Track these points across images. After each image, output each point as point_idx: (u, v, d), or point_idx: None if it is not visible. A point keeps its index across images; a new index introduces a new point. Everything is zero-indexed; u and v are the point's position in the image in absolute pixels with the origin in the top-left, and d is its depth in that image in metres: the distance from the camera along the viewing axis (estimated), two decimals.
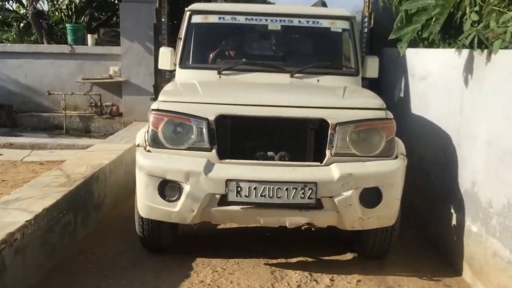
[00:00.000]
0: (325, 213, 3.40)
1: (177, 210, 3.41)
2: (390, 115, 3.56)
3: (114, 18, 8.96)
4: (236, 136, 3.57)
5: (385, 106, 3.64)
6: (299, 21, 4.59)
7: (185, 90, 4.07)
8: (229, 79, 4.34)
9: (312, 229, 3.49)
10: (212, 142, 3.41)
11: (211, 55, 4.70)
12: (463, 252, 3.66)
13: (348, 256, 4.03)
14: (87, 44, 7.98)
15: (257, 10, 4.81)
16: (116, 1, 8.18)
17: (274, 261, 3.84)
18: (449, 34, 4.38)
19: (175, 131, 3.49)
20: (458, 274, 3.72)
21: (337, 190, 3.32)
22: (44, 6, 9.92)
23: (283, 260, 3.87)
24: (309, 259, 3.93)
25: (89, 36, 7.97)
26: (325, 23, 4.61)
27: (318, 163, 3.45)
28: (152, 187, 3.42)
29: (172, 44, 9.13)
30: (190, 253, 3.94)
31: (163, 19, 6.77)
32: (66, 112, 7.83)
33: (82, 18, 8.50)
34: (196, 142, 3.44)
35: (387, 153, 3.50)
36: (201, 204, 3.35)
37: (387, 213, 3.50)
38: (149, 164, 3.45)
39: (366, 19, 6.67)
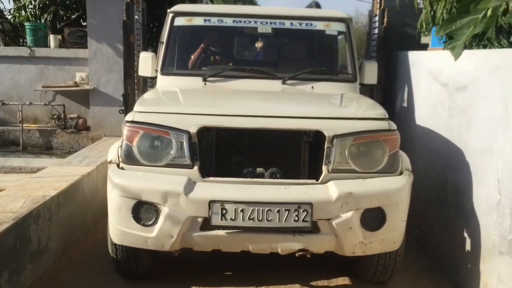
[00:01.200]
0: (322, 238, 3.03)
1: (154, 236, 3.00)
2: (394, 126, 3.16)
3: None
4: (221, 151, 3.22)
5: (387, 116, 3.23)
6: (291, 23, 4.25)
7: (164, 99, 3.68)
8: (215, 87, 3.96)
9: (308, 255, 3.06)
10: (194, 158, 3.03)
11: (192, 57, 4.30)
12: None
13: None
14: (49, 46, 6.87)
15: (246, 11, 4.44)
16: None
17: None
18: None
19: (152, 145, 3.09)
20: None
21: (336, 211, 2.95)
22: (9, 5, 8.82)
23: None
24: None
25: (51, 36, 6.84)
26: (319, 25, 4.28)
27: (313, 181, 3.07)
28: (125, 210, 3.00)
29: (153, 49, 8.15)
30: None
31: (136, 17, 5.71)
32: (24, 125, 6.68)
33: (45, 17, 7.37)
34: (175, 158, 3.05)
35: (390, 168, 3.13)
36: (181, 229, 2.95)
37: (391, 237, 3.12)
38: (122, 183, 3.02)
39: (376, 18, 5.66)
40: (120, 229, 3.06)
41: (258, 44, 4.42)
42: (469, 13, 2.68)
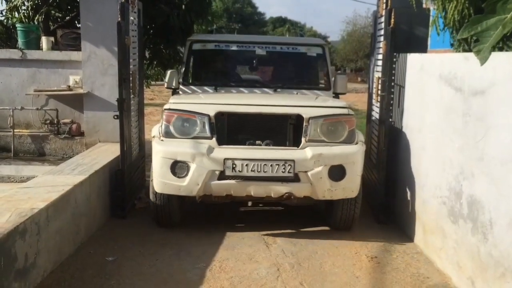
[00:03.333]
0: (302, 185, 4.30)
1: (185, 184, 4.30)
2: (352, 112, 4.54)
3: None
4: (231, 129, 4.50)
5: (348, 106, 4.61)
6: (281, 48, 5.71)
7: (190, 96, 5.09)
8: (224, 92, 5.47)
9: (292, 197, 4.33)
10: (212, 132, 4.35)
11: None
12: None
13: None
14: (41, 49, 6.60)
15: (246, 39, 6.03)
16: None
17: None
18: None
19: (183, 125, 4.42)
20: None
21: (310, 166, 4.24)
22: (1, 6, 8.54)
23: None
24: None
25: (44, 39, 6.52)
26: (302, 49, 5.73)
27: (295, 148, 4.38)
28: (165, 167, 4.29)
29: (149, 52, 7.91)
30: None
31: (131, 18, 5.46)
32: (15, 130, 6.37)
33: (37, 17, 7.08)
34: (199, 132, 4.37)
35: (349, 140, 4.43)
36: (204, 179, 4.24)
37: (350, 186, 4.37)
38: (163, 149, 4.35)
39: (382, 19, 5.42)
40: (162, 181, 4.35)
41: (256, 63, 5.77)
42: (495, 12, 2.45)
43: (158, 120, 15.04)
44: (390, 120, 5.15)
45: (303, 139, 4.33)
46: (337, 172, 4.26)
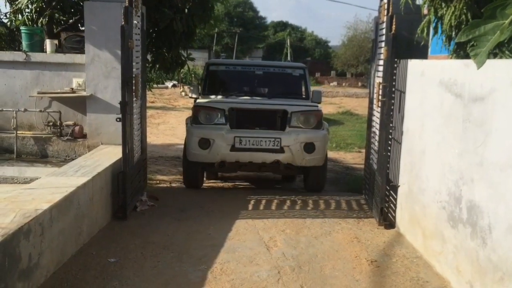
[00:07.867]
0: (285, 155, 6.46)
1: (208, 154, 6.47)
2: (320, 108, 6.92)
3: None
4: (239, 119, 6.62)
5: (318, 105, 7.08)
6: (274, 69, 7.82)
7: (211, 98, 7.18)
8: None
9: (278, 163, 6.54)
10: (227, 121, 6.54)
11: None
12: None
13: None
14: (45, 51, 6.64)
15: (248, 63, 8.94)
16: (81, 2, 6.80)
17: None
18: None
19: (206, 116, 6.59)
20: None
21: (291, 142, 6.44)
22: (5, 8, 8.54)
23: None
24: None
25: (47, 41, 6.57)
26: (289, 71, 7.91)
27: (282, 131, 6.55)
28: (195, 142, 6.48)
29: (152, 55, 7.97)
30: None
31: (135, 21, 5.51)
32: (18, 132, 6.40)
33: (41, 20, 7.12)
34: (218, 121, 6.55)
35: (318, 127, 6.65)
36: (221, 150, 6.44)
37: (319, 157, 6.59)
38: (194, 131, 6.55)
39: (383, 25, 5.48)
40: (192, 152, 6.53)
41: (256, 80, 7.72)
42: (494, 18, 2.50)
43: (159, 123, 15.16)
44: (391, 125, 5.19)
45: (287, 126, 6.52)
46: (309, 147, 6.43)
